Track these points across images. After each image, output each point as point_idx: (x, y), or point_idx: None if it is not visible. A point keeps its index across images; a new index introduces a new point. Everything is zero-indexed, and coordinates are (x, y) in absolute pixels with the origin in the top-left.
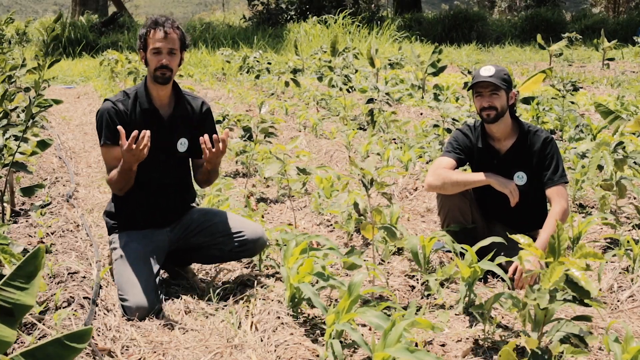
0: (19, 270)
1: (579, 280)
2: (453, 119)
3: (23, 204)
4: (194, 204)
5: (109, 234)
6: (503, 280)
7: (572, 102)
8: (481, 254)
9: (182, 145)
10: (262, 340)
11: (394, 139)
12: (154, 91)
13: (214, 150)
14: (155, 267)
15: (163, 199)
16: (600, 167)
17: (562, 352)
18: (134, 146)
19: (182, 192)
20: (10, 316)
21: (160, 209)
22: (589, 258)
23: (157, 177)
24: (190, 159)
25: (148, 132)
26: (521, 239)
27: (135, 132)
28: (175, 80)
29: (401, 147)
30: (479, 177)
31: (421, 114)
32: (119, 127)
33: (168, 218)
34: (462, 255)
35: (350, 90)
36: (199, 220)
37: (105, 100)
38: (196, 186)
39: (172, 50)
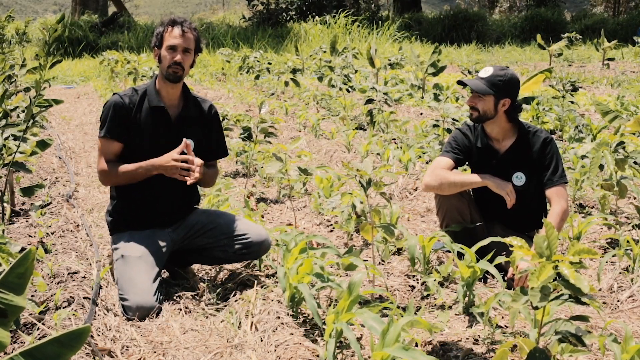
0: (11, 272)
1: (569, 277)
2: (453, 119)
3: (23, 204)
4: (197, 205)
5: (111, 233)
6: (503, 279)
7: (572, 102)
8: (482, 254)
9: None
10: (262, 340)
11: (394, 139)
12: (163, 90)
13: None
14: (157, 268)
15: (166, 199)
16: (601, 167)
17: (562, 352)
18: (180, 163)
19: (186, 193)
20: (4, 317)
21: (162, 209)
22: (582, 255)
23: (161, 177)
24: None
25: (192, 159)
26: (513, 241)
27: (188, 142)
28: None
29: (401, 147)
30: (476, 179)
31: (421, 114)
32: (186, 140)
33: (170, 218)
34: (462, 255)
35: (350, 90)
36: (203, 222)
37: (114, 94)
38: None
39: (187, 49)
